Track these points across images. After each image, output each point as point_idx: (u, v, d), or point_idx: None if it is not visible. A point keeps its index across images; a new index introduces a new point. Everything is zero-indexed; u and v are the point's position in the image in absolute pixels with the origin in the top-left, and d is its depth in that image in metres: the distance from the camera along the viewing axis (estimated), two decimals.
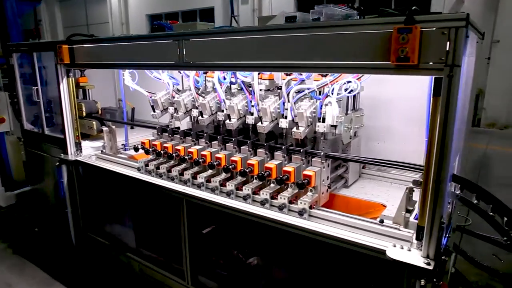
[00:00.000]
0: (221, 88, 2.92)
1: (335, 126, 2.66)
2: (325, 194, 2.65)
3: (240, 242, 3.09)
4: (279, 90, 3.02)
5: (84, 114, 4.10)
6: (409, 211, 2.34)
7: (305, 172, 2.46)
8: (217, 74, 2.91)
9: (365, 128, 3.21)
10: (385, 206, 2.76)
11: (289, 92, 2.74)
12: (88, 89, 4.43)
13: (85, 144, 4.03)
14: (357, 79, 2.47)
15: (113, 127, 4.04)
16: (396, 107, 3.23)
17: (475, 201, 2.01)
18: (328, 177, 2.66)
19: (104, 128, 3.97)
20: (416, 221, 2.34)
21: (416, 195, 2.41)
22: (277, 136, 3.04)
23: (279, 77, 3.32)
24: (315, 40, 2.01)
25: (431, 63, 1.69)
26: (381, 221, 2.22)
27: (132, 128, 4.78)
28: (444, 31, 1.63)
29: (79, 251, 4.12)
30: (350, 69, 1.98)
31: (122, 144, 4.31)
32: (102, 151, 3.93)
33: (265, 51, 2.25)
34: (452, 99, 1.63)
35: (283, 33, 2.12)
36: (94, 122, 4.09)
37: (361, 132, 3.25)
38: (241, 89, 3.23)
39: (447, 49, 1.63)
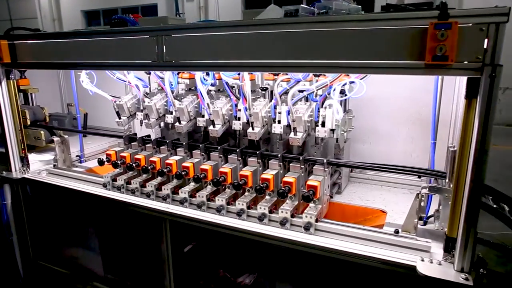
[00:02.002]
0: (204, 90, 2.59)
1: (333, 130, 2.47)
2: (326, 204, 2.45)
3: (228, 261, 2.80)
4: (263, 92, 2.77)
5: (29, 123, 3.51)
6: (421, 218, 2.23)
7: (310, 183, 2.24)
8: (199, 74, 2.58)
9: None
10: (384, 212, 2.64)
11: (281, 94, 2.52)
12: (31, 93, 3.82)
13: (32, 157, 3.44)
14: (361, 79, 2.30)
15: (66, 136, 3.51)
16: (379, 106, 3.14)
17: (495, 206, 1.93)
18: (328, 185, 2.47)
19: (55, 138, 3.42)
20: (424, 227, 2.26)
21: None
22: (259, 142, 2.76)
23: (259, 78, 3.09)
24: (332, 37, 1.79)
25: (466, 62, 1.56)
26: (396, 232, 2.07)
27: (85, 136, 4.20)
28: (482, 27, 1.49)
29: (28, 284, 3.50)
30: (370, 69, 1.78)
31: (77, 156, 3.77)
32: (54, 165, 3.37)
33: (267, 49, 1.98)
34: (494, 101, 1.50)
35: (292, 28, 1.87)
36: (42, 132, 3.51)
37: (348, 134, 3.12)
38: (219, 90, 2.94)
39: (485, 46, 1.50)
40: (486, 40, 1.50)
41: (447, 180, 2.07)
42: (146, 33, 2.31)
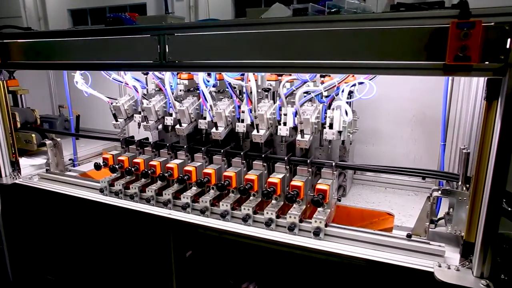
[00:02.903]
0: (207, 91, 2.50)
1: (340, 132, 2.41)
2: (334, 208, 2.39)
3: (232, 266, 2.72)
4: (266, 93, 2.69)
5: (19, 126, 3.36)
6: (432, 221, 2.19)
7: (319, 187, 2.17)
8: (201, 75, 2.49)
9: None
10: (391, 215, 2.60)
11: (287, 96, 2.45)
12: (21, 95, 3.67)
13: (23, 162, 3.29)
14: (370, 79, 2.25)
15: (58, 139, 3.37)
16: (383, 107, 3.10)
17: (510, 209, 1.89)
18: (336, 188, 2.41)
19: (47, 141, 3.27)
20: (434, 230, 2.22)
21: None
22: (262, 144, 2.67)
23: (259, 78, 3.01)
24: (344, 37, 1.72)
25: (487, 62, 1.51)
26: (409, 236, 2.02)
27: (77, 139, 4.07)
28: (506, 26, 1.45)
29: None
30: (385, 70, 1.72)
31: (70, 159, 3.63)
32: (47, 169, 3.24)
33: (277, 49, 1.91)
34: None
35: (302, 27, 1.80)
36: (33, 135, 3.37)
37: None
38: (219, 91, 2.86)
39: (508, 46, 1.46)
40: (509, 40, 1.45)
41: (459, 183, 2.03)
42: (147, 32, 2.21)
